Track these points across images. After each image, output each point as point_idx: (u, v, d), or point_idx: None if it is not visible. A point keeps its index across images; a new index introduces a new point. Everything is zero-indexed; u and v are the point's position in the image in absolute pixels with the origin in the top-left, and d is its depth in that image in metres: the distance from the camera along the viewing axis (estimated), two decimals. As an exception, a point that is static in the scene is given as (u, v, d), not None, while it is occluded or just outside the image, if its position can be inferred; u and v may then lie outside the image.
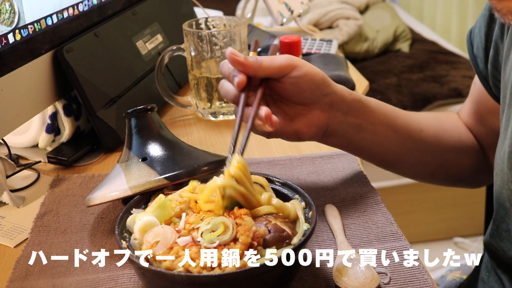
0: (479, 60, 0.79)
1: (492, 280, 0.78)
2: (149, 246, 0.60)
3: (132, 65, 1.07)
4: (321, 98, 0.72)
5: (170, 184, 0.71)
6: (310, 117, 0.73)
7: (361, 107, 0.75)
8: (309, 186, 0.83)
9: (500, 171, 0.70)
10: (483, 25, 0.78)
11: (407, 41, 2.60)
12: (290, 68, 0.70)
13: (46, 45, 0.89)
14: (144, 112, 0.79)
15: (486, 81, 0.79)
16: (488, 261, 0.80)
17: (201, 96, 1.06)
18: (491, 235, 0.75)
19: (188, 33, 1.03)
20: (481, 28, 0.78)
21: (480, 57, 0.79)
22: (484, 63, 0.78)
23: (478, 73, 0.80)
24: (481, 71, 0.79)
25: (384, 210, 0.77)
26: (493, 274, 0.78)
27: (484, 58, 0.78)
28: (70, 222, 0.78)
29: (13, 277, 0.68)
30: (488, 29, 0.77)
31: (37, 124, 0.96)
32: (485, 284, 0.80)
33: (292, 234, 0.61)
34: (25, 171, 0.92)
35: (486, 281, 0.80)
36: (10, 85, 0.82)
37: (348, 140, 0.77)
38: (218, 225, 0.60)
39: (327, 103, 0.73)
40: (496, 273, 0.77)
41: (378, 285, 0.64)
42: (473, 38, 0.81)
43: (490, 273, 0.79)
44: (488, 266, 0.80)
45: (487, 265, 0.80)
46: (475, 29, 0.80)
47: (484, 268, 0.81)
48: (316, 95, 0.72)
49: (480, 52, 0.79)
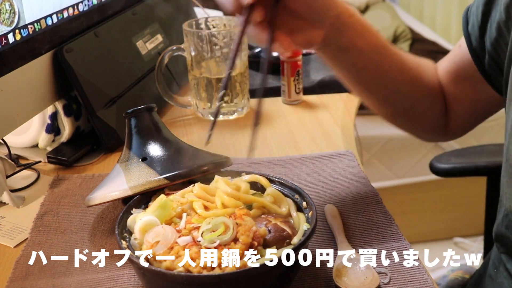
0: (473, 37, 0.80)
1: (501, 276, 0.78)
2: (149, 246, 0.60)
3: (132, 65, 1.07)
4: (325, 19, 0.72)
5: (170, 184, 0.71)
6: (309, 34, 0.73)
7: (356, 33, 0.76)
8: (309, 186, 0.83)
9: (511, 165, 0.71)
10: (480, 4, 0.78)
11: (407, 41, 2.60)
12: None
13: (46, 45, 0.89)
14: (144, 112, 0.79)
15: (479, 58, 0.80)
16: (496, 257, 0.80)
17: (201, 96, 1.06)
18: (507, 227, 0.75)
19: (188, 33, 1.03)
20: (479, 6, 0.79)
21: (474, 35, 0.80)
22: (478, 41, 0.79)
23: (471, 50, 0.81)
24: (474, 48, 0.80)
25: (384, 210, 0.77)
26: (502, 269, 0.78)
27: (479, 36, 0.79)
28: (70, 222, 0.78)
29: (13, 277, 0.68)
30: (485, 7, 0.78)
31: (37, 124, 0.96)
32: (493, 281, 0.80)
33: (293, 234, 0.61)
34: (25, 171, 0.92)
35: (494, 277, 0.80)
36: (10, 85, 0.82)
37: (331, 55, 0.77)
38: (219, 225, 0.60)
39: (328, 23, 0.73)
40: (505, 268, 0.77)
41: (378, 285, 0.64)
42: (469, 16, 0.82)
43: (498, 269, 0.79)
44: (496, 263, 0.80)
45: (494, 261, 0.80)
46: (472, 7, 0.82)
47: (492, 265, 0.81)
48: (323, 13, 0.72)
49: (475, 30, 0.80)
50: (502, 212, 0.75)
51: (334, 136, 1.00)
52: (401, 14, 2.90)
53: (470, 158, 1.20)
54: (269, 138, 1.00)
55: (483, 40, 0.79)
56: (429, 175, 1.99)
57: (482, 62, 0.80)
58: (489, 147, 1.24)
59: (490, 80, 0.80)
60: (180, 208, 0.65)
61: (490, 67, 0.79)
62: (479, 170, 1.18)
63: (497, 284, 0.78)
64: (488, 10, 0.77)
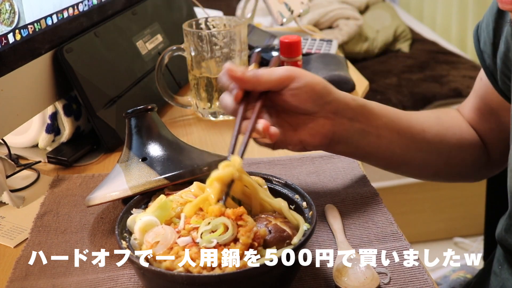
0: (486, 55, 0.79)
1: (506, 272, 0.78)
2: (149, 246, 0.60)
3: (132, 65, 1.07)
4: (324, 107, 0.71)
5: (170, 184, 0.71)
6: (314, 126, 0.72)
7: (364, 111, 0.75)
8: (309, 186, 0.83)
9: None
10: (490, 21, 0.77)
11: (407, 41, 2.60)
12: (289, 80, 0.69)
13: (46, 45, 0.89)
14: (144, 112, 0.79)
15: (493, 76, 0.79)
16: (501, 255, 0.80)
17: (201, 96, 1.06)
18: (506, 231, 0.75)
19: (188, 33, 1.03)
20: (489, 23, 0.78)
21: (487, 52, 0.79)
22: (491, 58, 0.78)
23: (485, 68, 0.80)
24: (488, 66, 0.79)
25: (384, 210, 0.77)
26: (506, 267, 0.78)
27: (492, 53, 0.78)
28: (70, 222, 0.78)
29: (13, 277, 0.68)
30: (496, 24, 0.76)
31: (37, 124, 0.96)
32: (498, 277, 0.80)
33: (293, 234, 0.61)
34: (25, 171, 0.92)
35: (498, 274, 0.80)
36: (10, 85, 0.82)
37: (354, 146, 0.76)
38: (218, 226, 0.60)
39: (331, 111, 0.72)
40: (510, 265, 0.77)
41: (378, 285, 0.64)
42: (480, 33, 0.80)
43: (503, 266, 0.79)
44: (501, 260, 0.80)
45: (499, 258, 0.81)
46: (482, 24, 0.80)
47: (496, 262, 0.81)
48: (319, 104, 0.71)
49: (487, 47, 0.78)
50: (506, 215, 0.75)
51: (334, 136, 1.00)
52: (401, 14, 2.90)
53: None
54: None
55: (496, 56, 0.77)
56: (429, 175, 1.99)
57: (496, 79, 0.79)
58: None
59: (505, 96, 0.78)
60: (179, 208, 0.65)
61: (502, 82, 0.77)
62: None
63: (502, 280, 0.78)
64: (499, 26, 0.76)
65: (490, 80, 0.80)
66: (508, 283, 0.77)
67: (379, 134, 0.76)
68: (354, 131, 0.74)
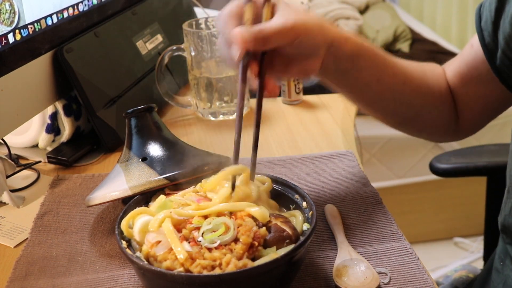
0: (486, 33, 0.80)
1: (507, 268, 0.78)
2: (149, 246, 0.60)
3: (132, 65, 1.07)
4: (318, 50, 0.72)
5: (170, 184, 0.71)
6: (305, 64, 0.73)
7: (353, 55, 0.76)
8: (309, 186, 0.83)
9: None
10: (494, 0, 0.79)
11: (407, 41, 2.60)
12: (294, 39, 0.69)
13: (46, 45, 0.89)
14: (144, 112, 0.79)
15: (490, 53, 0.80)
16: (502, 251, 0.80)
17: (201, 96, 1.06)
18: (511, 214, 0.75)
19: (188, 33, 1.03)
20: (492, 2, 0.79)
21: (487, 30, 0.80)
22: (491, 36, 0.79)
23: (483, 46, 0.81)
24: (487, 44, 0.80)
25: (384, 210, 0.77)
26: (508, 262, 0.78)
27: (492, 32, 0.79)
28: (70, 222, 0.78)
29: (13, 277, 0.68)
30: (498, 3, 0.78)
31: (37, 124, 0.96)
32: (500, 274, 0.80)
33: (293, 233, 0.61)
34: (25, 171, 0.92)
35: (500, 271, 0.80)
36: (10, 85, 0.82)
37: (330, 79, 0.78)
38: (219, 226, 0.60)
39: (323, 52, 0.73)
40: (511, 260, 0.77)
41: (378, 285, 0.64)
42: (482, 12, 0.82)
43: (504, 262, 0.79)
44: (502, 256, 0.80)
45: (500, 255, 0.81)
46: (485, 3, 0.82)
47: (498, 258, 0.81)
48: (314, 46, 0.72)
49: (488, 26, 0.80)
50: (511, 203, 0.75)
51: (334, 136, 1.00)
52: (401, 14, 2.90)
53: (470, 158, 1.20)
54: (269, 138, 1.00)
55: (496, 35, 0.79)
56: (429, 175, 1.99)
57: (494, 58, 0.80)
58: (489, 147, 1.24)
59: (501, 76, 0.80)
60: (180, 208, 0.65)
61: (502, 63, 0.79)
62: (479, 170, 1.18)
63: (504, 277, 0.79)
64: (501, 5, 0.77)
65: (487, 57, 0.81)
66: (510, 280, 0.77)
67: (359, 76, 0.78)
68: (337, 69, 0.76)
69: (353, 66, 0.76)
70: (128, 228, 0.64)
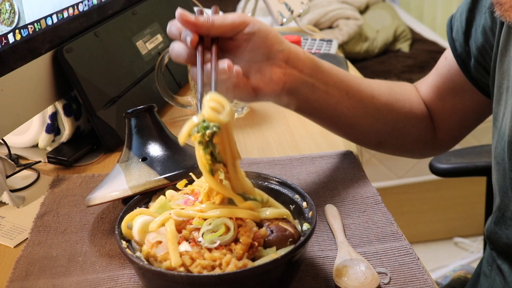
0: (458, 43, 0.81)
1: (494, 273, 0.78)
2: (149, 246, 0.60)
3: (132, 65, 1.07)
4: (276, 54, 0.73)
5: (170, 184, 0.71)
6: (267, 73, 0.73)
7: (314, 66, 0.76)
8: (309, 186, 0.83)
9: (502, 160, 0.71)
10: (464, 10, 0.80)
11: (407, 41, 2.60)
12: (243, 25, 0.70)
13: (46, 45, 0.89)
14: (144, 112, 0.79)
15: (464, 63, 0.81)
16: (490, 255, 0.80)
17: (201, 96, 1.06)
18: (496, 223, 0.76)
19: (188, 33, 1.03)
20: (463, 13, 0.81)
21: (459, 41, 0.81)
22: (463, 46, 0.81)
23: (456, 57, 0.82)
24: (459, 54, 0.82)
25: (384, 210, 0.77)
26: (495, 267, 0.78)
27: (464, 42, 0.81)
28: (70, 222, 0.78)
29: (13, 277, 0.68)
30: (469, 14, 0.79)
31: (37, 124, 0.96)
32: (488, 278, 0.80)
33: (295, 233, 0.61)
34: (25, 171, 0.92)
35: (488, 275, 0.80)
36: (10, 85, 0.82)
37: (304, 99, 0.77)
38: (220, 226, 0.60)
39: (282, 59, 0.73)
40: (497, 265, 0.77)
41: (378, 285, 0.64)
42: (453, 23, 0.83)
43: (492, 266, 0.79)
44: (490, 260, 0.80)
45: (488, 259, 0.81)
46: (456, 15, 0.83)
47: (486, 263, 0.82)
48: (271, 51, 0.72)
49: (460, 36, 0.81)
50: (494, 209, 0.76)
51: (334, 136, 1.00)
52: (401, 14, 2.90)
53: (470, 158, 1.20)
54: (269, 138, 1.00)
55: (468, 45, 0.80)
56: (429, 175, 1.99)
57: (467, 67, 0.81)
58: (489, 147, 1.24)
59: (477, 85, 0.81)
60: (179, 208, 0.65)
61: (476, 71, 0.80)
62: (479, 170, 1.18)
63: (491, 281, 0.79)
64: (472, 16, 0.79)
65: (461, 67, 0.82)
66: (496, 284, 0.77)
67: (328, 92, 0.78)
68: (304, 84, 0.76)
69: (317, 79, 0.76)
70: (127, 229, 0.64)
